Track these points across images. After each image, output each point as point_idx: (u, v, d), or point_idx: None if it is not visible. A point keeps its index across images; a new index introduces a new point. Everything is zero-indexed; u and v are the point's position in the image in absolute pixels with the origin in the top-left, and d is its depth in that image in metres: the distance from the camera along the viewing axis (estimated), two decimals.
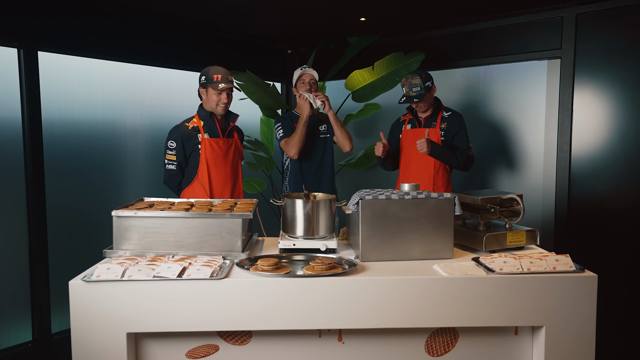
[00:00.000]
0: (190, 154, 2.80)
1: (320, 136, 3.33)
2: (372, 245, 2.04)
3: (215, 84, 2.76)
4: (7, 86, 3.04)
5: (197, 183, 2.80)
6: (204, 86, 2.82)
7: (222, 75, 2.77)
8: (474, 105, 3.97)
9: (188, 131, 2.80)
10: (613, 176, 3.31)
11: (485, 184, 3.92)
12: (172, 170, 2.82)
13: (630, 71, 3.21)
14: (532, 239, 2.21)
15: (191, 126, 2.82)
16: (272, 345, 1.90)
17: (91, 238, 3.47)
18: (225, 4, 3.42)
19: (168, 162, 2.80)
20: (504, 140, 3.85)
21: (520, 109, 3.75)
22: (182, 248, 2.05)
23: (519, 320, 1.84)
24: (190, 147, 2.79)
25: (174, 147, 2.79)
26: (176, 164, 2.80)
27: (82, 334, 1.77)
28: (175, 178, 2.85)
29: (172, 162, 2.79)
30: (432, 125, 3.20)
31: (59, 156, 3.32)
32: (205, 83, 2.80)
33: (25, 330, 3.16)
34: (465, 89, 4.02)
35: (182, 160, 2.80)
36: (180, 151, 2.79)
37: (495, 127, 3.88)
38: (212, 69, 2.80)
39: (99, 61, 3.52)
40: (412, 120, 3.28)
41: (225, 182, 2.86)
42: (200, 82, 2.83)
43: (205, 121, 2.84)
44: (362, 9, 3.56)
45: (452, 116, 3.20)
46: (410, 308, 1.81)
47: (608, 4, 3.27)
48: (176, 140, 2.78)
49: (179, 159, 2.79)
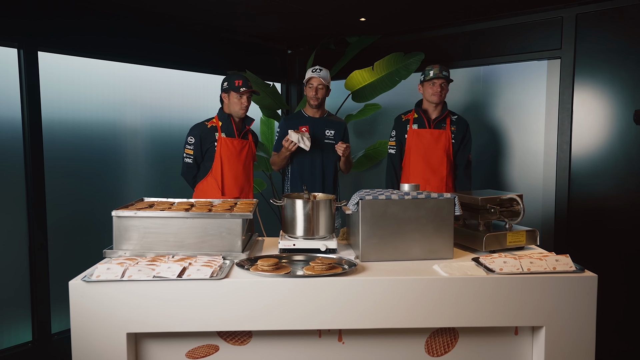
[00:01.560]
0: (207, 150, 3.04)
1: (325, 141, 3.27)
2: (372, 245, 2.04)
3: (237, 87, 3.02)
4: (7, 86, 3.04)
5: (210, 177, 3.04)
6: (226, 91, 3.07)
7: (243, 81, 3.05)
8: (474, 105, 3.97)
9: (206, 129, 3.06)
10: (613, 176, 3.31)
11: (485, 184, 3.92)
12: (189, 164, 3.06)
13: (630, 71, 3.21)
14: (532, 239, 2.21)
15: (210, 125, 3.08)
16: (272, 345, 1.90)
17: (91, 238, 3.47)
18: (226, 4, 3.42)
19: (186, 156, 3.05)
20: (504, 140, 3.85)
21: (520, 109, 3.75)
22: (182, 248, 2.05)
23: (519, 320, 1.84)
24: (207, 144, 3.04)
25: (192, 143, 3.04)
26: (193, 158, 3.05)
27: (82, 334, 1.77)
28: (192, 171, 3.08)
29: (189, 156, 3.05)
30: (442, 127, 3.23)
31: (59, 156, 3.31)
32: (227, 88, 3.06)
33: (25, 330, 3.16)
34: (465, 89, 4.02)
35: (199, 155, 3.05)
36: (198, 147, 3.03)
37: (496, 127, 3.88)
38: (234, 76, 3.09)
39: (99, 61, 3.52)
40: (418, 120, 3.25)
41: (237, 178, 3.09)
42: (222, 88, 3.10)
43: (224, 122, 3.08)
44: (362, 9, 3.56)
45: (460, 120, 3.29)
46: (410, 308, 1.81)
47: (608, 4, 3.26)
48: (195, 136, 3.04)
49: (196, 153, 3.04)
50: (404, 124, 3.31)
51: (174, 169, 3.80)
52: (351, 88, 4.06)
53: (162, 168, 3.96)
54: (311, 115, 3.30)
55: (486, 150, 3.89)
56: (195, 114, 3.97)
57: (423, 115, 3.24)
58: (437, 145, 3.20)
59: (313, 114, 3.30)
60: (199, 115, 3.60)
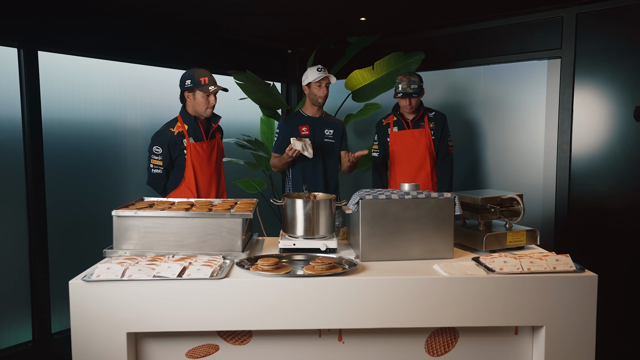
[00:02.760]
0: (176, 158, 2.80)
1: (325, 140, 3.27)
2: (372, 245, 2.04)
3: (204, 87, 2.72)
4: (7, 86, 3.04)
5: (183, 186, 2.81)
6: (190, 90, 2.77)
7: (209, 77, 2.74)
8: (474, 105, 3.97)
9: (174, 137, 2.77)
10: (613, 176, 3.31)
11: (485, 184, 3.92)
12: (157, 174, 2.80)
13: (630, 71, 3.21)
14: (532, 239, 2.21)
15: (177, 131, 2.78)
16: (272, 345, 1.90)
17: (91, 238, 3.47)
18: (226, 3, 3.42)
19: (154, 167, 2.79)
20: (504, 140, 3.85)
21: (520, 109, 3.75)
22: (182, 248, 2.05)
23: (519, 320, 1.84)
24: (176, 152, 2.78)
25: (160, 153, 2.76)
26: (162, 168, 2.79)
27: (82, 333, 1.77)
28: (161, 181, 2.84)
29: (157, 167, 2.78)
30: (420, 125, 3.32)
31: (59, 156, 3.31)
32: (192, 87, 2.75)
33: (25, 330, 3.16)
34: (465, 89, 4.02)
35: (168, 165, 2.80)
36: (167, 157, 2.77)
37: (496, 127, 3.88)
38: (197, 72, 2.75)
39: (99, 61, 3.52)
40: (397, 122, 3.36)
41: (210, 182, 2.88)
42: (185, 86, 2.77)
43: (190, 125, 2.81)
44: (362, 9, 3.56)
45: (437, 115, 3.35)
46: (410, 308, 1.81)
47: (608, 4, 3.26)
48: (162, 146, 2.76)
49: (165, 164, 2.78)
50: (385, 127, 3.40)
51: None
52: (351, 88, 4.06)
53: None
54: (311, 115, 3.29)
55: (486, 150, 3.89)
56: None
57: (401, 117, 3.35)
58: (419, 144, 3.30)
59: (313, 113, 3.29)
60: None
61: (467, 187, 3.97)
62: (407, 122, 3.33)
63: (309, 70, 3.24)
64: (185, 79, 2.77)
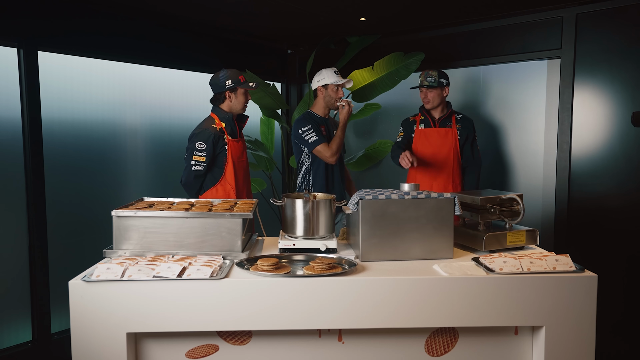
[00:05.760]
0: (217, 154, 2.84)
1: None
2: (372, 245, 2.04)
3: (245, 83, 2.86)
4: (7, 86, 3.04)
5: (221, 185, 2.84)
6: (232, 90, 2.88)
7: (244, 75, 2.87)
8: (474, 105, 3.97)
9: (217, 133, 2.83)
10: (613, 176, 3.31)
11: (485, 184, 3.92)
12: (198, 172, 2.81)
13: (630, 71, 3.21)
14: (532, 239, 2.21)
15: (218, 128, 2.86)
16: (272, 345, 1.90)
17: (91, 238, 3.47)
18: (226, 3, 3.42)
19: (196, 163, 2.79)
20: (504, 140, 3.85)
21: (520, 109, 3.76)
22: (182, 248, 2.05)
23: (519, 320, 1.84)
24: (219, 149, 2.84)
25: (203, 149, 2.78)
26: (205, 165, 2.80)
27: (82, 334, 1.77)
28: (200, 179, 2.85)
29: (200, 163, 2.79)
30: (447, 125, 3.33)
31: (59, 156, 3.31)
32: (234, 86, 2.87)
33: (25, 330, 3.16)
34: (465, 89, 4.02)
35: (210, 161, 2.82)
36: (210, 152, 2.80)
37: (495, 127, 3.88)
38: (232, 72, 2.87)
39: (99, 61, 3.52)
40: (424, 120, 3.37)
41: (245, 180, 2.98)
42: (227, 86, 2.87)
43: (227, 123, 2.89)
44: (362, 9, 3.56)
45: (465, 119, 3.37)
46: (410, 308, 1.81)
47: (608, 4, 3.26)
48: (206, 141, 2.79)
49: (208, 160, 2.80)
50: (412, 124, 3.43)
51: (174, 168, 3.80)
52: (351, 88, 4.06)
53: (162, 168, 3.96)
54: (322, 115, 3.31)
55: (486, 150, 3.89)
56: (195, 114, 3.97)
57: (428, 115, 3.36)
58: (445, 143, 3.30)
59: (325, 114, 3.32)
60: (199, 115, 3.59)
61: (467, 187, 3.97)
62: (433, 121, 3.34)
63: (326, 72, 3.23)
64: (224, 80, 2.87)
